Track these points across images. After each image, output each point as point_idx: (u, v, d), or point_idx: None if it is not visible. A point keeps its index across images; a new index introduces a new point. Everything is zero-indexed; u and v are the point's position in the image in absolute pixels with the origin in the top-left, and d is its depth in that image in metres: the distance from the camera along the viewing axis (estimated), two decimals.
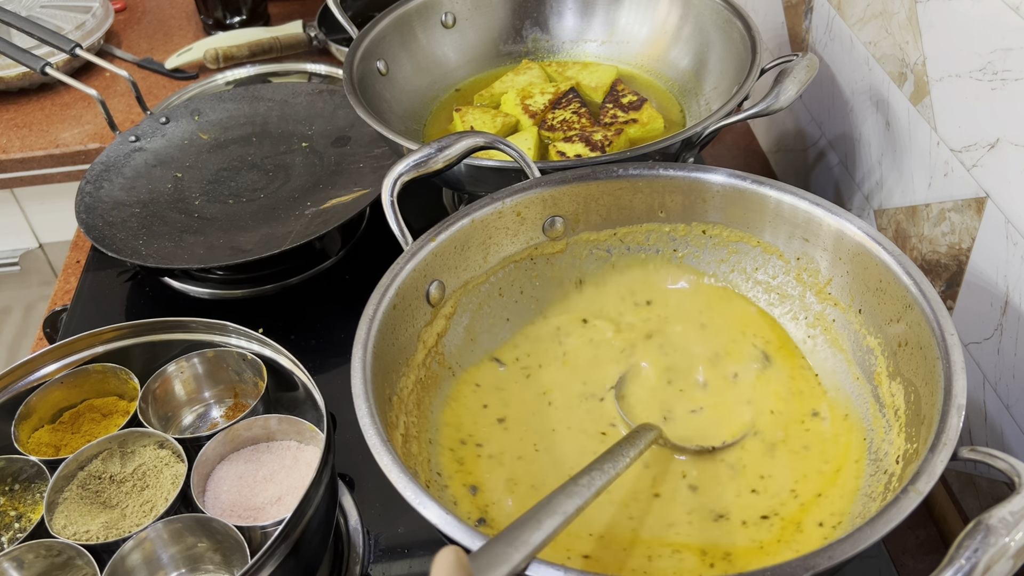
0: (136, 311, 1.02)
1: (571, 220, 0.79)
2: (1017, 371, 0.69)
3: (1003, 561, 0.45)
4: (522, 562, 0.46)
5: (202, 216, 1.06)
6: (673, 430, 0.70)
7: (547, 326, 0.79)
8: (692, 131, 0.82)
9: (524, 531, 0.48)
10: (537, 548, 0.48)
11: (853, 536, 0.49)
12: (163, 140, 1.17)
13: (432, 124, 1.09)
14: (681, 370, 0.75)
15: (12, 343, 1.65)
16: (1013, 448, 0.71)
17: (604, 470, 0.57)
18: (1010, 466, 0.50)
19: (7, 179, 1.36)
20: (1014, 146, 0.67)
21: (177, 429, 0.80)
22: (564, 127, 1.00)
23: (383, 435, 0.57)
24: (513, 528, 0.49)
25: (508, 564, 0.46)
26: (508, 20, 1.16)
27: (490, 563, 0.46)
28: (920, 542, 0.78)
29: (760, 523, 0.64)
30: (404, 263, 0.70)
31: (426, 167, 0.72)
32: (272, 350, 0.77)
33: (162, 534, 0.67)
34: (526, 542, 0.48)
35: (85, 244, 1.15)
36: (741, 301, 0.79)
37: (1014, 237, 0.68)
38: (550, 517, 0.50)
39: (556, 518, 0.50)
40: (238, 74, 1.42)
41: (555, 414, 0.73)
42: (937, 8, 0.75)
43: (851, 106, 0.94)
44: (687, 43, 1.07)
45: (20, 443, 0.74)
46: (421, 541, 0.77)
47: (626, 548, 0.63)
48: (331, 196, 1.06)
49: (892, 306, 0.66)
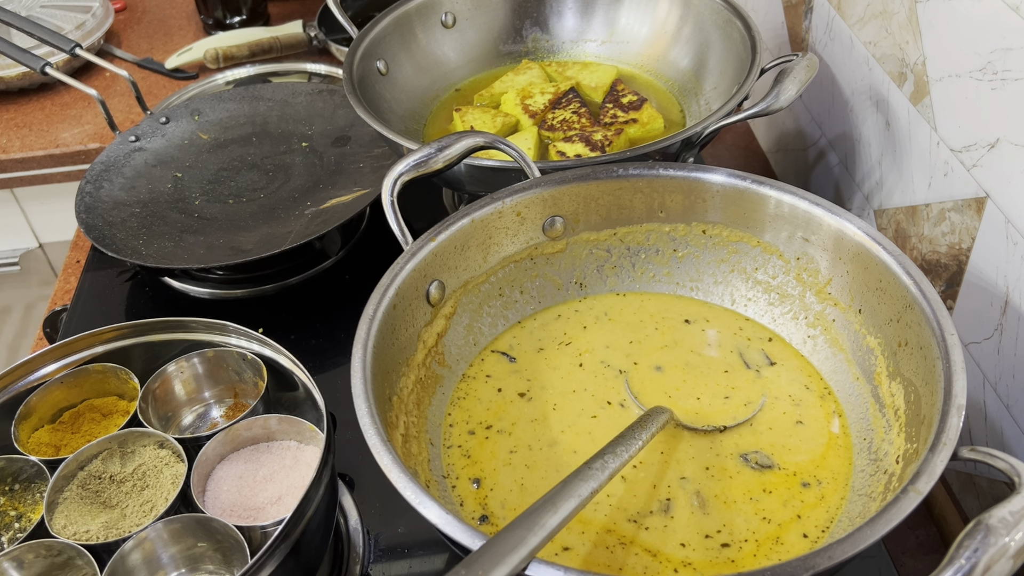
0: (136, 311, 1.02)
1: (571, 220, 0.79)
2: (1017, 371, 0.69)
3: (1003, 561, 0.45)
4: (540, 545, 0.47)
5: (202, 216, 1.06)
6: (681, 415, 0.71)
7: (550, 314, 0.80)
8: (692, 131, 0.82)
9: (541, 515, 0.49)
10: (554, 531, 0.49)
11: (853, 536, 0.49)
12: (163, 140, 1.17)
13: (432, 124, 1.09)
14: (688, 364, 0.75)
15: (12, 343, 1.65)
16: (1013, 448, 0.71)
17: (617, 453, 0.57)
18: (1010, 466, 0.50)
19: (7, 179, 1.36)
20: (1014, 146, 0.67)
21: (177, 429, 0.80)
22: (564, 127, 1.00)
23: (383, 435, 0.57)
24: (530, 512, 0.49)
25: (526, 547, 0.47)
26: (508, 20, 1.16)
27: (509, 546, 0.46)
28: (920, 542, 0.78)
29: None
30: (404, 263, 0.70)
31: (426, 167, 0.72)
32: (272, 350, 0.77)
33: (162, 534, 0.67)
34: (543, 526, 0.48)
35: (85, 244, 1.15)
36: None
37: (1014, 237, 0.68)
38: (566, 501, 0.51)
39: (571, 501, 0.51)
40: (238, 74, 1.42)
41: (566, 387, 0.74)
42: (937, 8, 0.75)
43: (851, 106, 0.94)
44: (687, 43, 1.07)
45: (20, 443, 0.74)
46: (421, 541, 0.77)
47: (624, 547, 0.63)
48: (331, 196, 1.06)
49: (892, 306, 0.66)
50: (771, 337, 0.77)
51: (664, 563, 0.61)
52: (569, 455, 0.69)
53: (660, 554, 0.62)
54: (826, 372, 0.74)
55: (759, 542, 0.62)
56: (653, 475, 0.67)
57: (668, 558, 0.62)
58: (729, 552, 0.62)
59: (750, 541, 0.62)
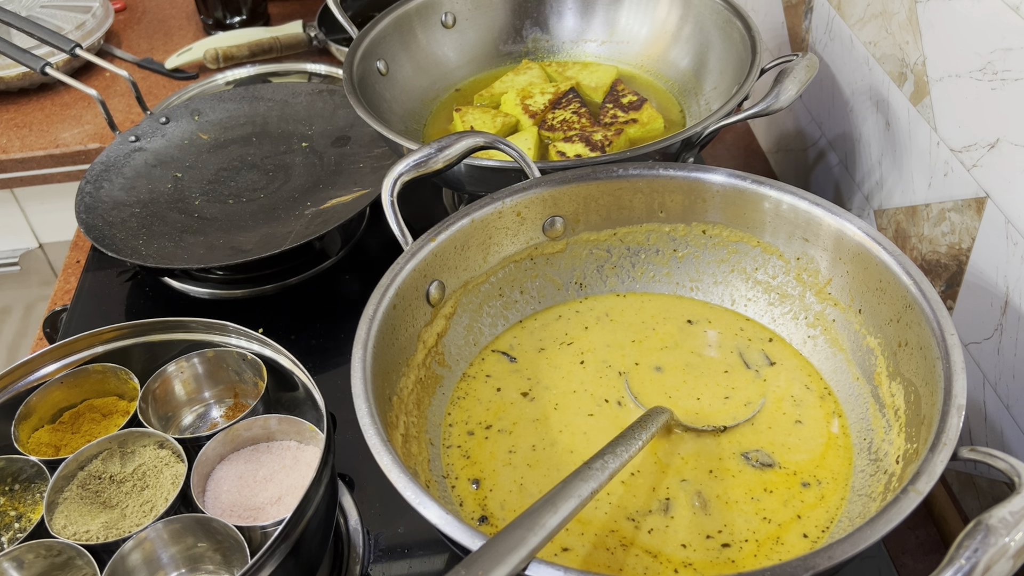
0: (136, 311, 1.02)
1: (571, 220, 0.79)
2: (1017, 371, 0.69)
3: (1003, 561, 0.45)
4: (540, 545, 0.47)
5: (202, 216, 1.06)
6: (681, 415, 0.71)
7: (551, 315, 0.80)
8: (692, 131, 0.82)
9: (541, 515, 0.49)
10: (553, 531, 0.49)
11: (853, 536, 0.49)
12: (163, 140, 1.17)
13: (432, 124, 1.09)
14: (688, 364, 0.75)
15: (12, 343, 1.65)
16: (1013, 448, 0.71)
17: (617, 453, 0.57)
18: (1010, 466, 0.50)
19: (7, 179, 1.36)
20: (1014, 146, 0.67)
21: (177, 429, 0.80)
22: (564, 127, 1.00)
23: (383, 435, 0.57)
24: (529, 513, 0.49)
25: (526, 547, 0.47)
26: (508, 20, 1.16)
27: (509, 546, 0.46)
28: (920, 542, 0.78)
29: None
30: (404, 263, 0.70)
31: (426, 167, 0.72)
32: (272, 350, 0.77)
33: (162, 534, 0.67)
34: (543, 526, 0.48)
35: (85, 244, 1.15)
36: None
37: (1014, 237, 0.68)
38: (565, 501, 0.51)
39: (571, 501, 0.51)
40: (238, 74, 1.42)
41: (567, 386, 0.74)
42: (937, 8, 0.75)
43: (851, 106, 0.94)
44: (687, 43, 1.07)
45: (20, 443, 0.74)
46: (421, 541, 0.77)
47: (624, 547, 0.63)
48: (331, 196, 1.06)
49: (892, 306, 0.66)
50: (771, 337, 0.77)
51: (665, 564, 0.61)
52: (567, 455, 0.69)
53: (661, 555, 0.62)
54: (826, 372, 0.74)
55: (759, 542, 0.62)
56: (654, 476, 0.67)
57: (669, 559, 0.62)
58: (730, 552, 0.62)
59: (750, 541, 0.63)
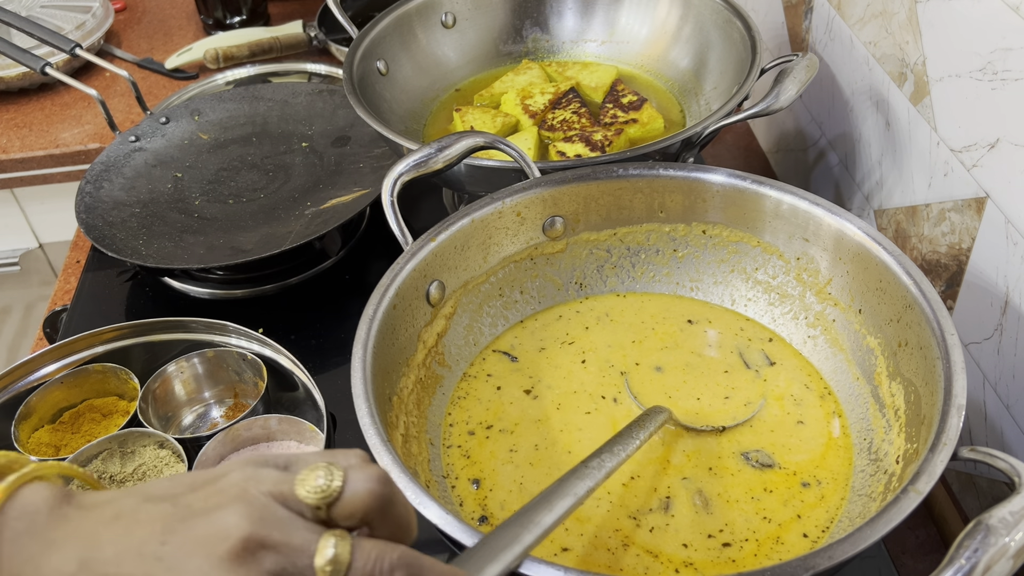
0: (136, 311, 1.02)
1: (571, 220, 0.79)
2: (1017, 371, 0.69)
3: (1003, 561, 0.45)
4: (534, 542, 0.47)
5: (202, 216, 1.06)
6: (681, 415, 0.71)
7: (551, 315, 0.80)
8: (692, 131, 0.82)
9: (536, 513, 0.49)
10: (549, 529, 0.49)
11: (853, 536, 0.49)
12: (163, 140, 1.17)
13: (432, 124, 1.08)
14: (688, 364, 0.75)
15: (12, 343, 1.65)
16: (1013, 448, 0.71)
17: (615, 452, 0.57)
18: (1010, 466, 0.50)
19: (7, 179, 1.36)
20: (1014, 146, 0.67)
21: (177, 429, 0.80)
22: (564, 127, 1.00)
23: (383, 435, 0.57)
24: (525, 510, 0.49)
25: (520, 544, 0.46)
26: (508, 20, 1.16)
27: (504, 543, 0.46)
28: (920, 542, 0.78)
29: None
30: (404, 263, 0.70)
31: (426, 167, 0.72)
32: (272, 350, 0.77)
33: None
34: (538, 523, 0.48)
35: (85, 244, 1.15)
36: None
37: (1014, 237, 0.68)
38: (561, 499, 0.51)
39: (567, 500, 0.51)
40: (238, 74, 1.42)
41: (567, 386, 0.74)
42: (937, 8, 0.75)
43: (851, 106, 0.94)
44: (687, 43, 1.07)
45: (20, 443, 0.74)
46: (421, 541, 0.76)
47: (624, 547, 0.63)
48: (331, 196, 1.06)
49: (892, 306, 0.66)
50: (771, 337, 0.77)
51: (665, 563, 0.61)
52: (567, 455, 0.69)
53: (661, 554, 0.62)
54: (826, 372, 0.74)
55: (760, 542, 0.62)
56: (654, 476, 0.67)
57: (669, 558, 0.62)
58: (730, 552, 0.62)
59: (751, 541, 0.63)
